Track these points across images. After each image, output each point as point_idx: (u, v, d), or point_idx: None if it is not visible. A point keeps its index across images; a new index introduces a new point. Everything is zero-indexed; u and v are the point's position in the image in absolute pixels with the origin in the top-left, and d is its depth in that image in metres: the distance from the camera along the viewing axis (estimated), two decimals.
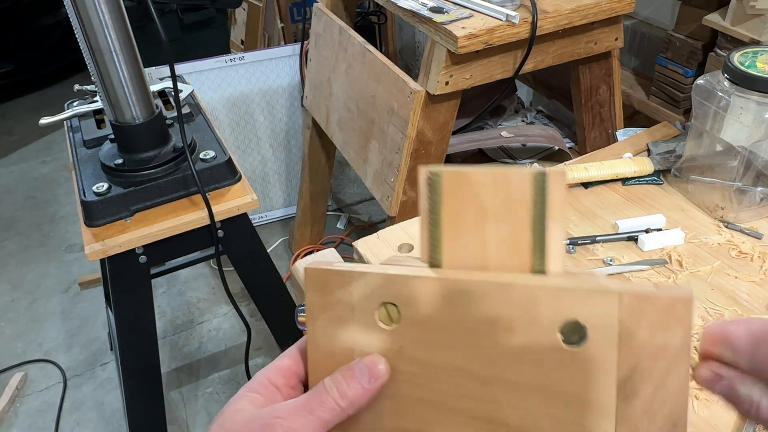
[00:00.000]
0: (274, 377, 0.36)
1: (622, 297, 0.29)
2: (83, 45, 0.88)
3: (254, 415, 0.33)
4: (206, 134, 1.10)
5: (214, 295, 1.93)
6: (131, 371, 1.10)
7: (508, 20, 1.01)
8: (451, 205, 0.33)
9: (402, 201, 1.19)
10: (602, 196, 0.90)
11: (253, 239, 1.10)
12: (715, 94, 0.80)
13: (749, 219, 0.83)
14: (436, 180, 0.33)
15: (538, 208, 0.31)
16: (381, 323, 0.34)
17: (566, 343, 0.30)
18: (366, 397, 0.33)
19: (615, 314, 0.29)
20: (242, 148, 2.04)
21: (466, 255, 0.33)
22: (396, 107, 1.15)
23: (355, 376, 0.33)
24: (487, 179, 0.32)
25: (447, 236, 0.33)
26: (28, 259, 2.13)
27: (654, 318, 0.29)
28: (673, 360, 0.29)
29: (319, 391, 0.34)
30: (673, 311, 0.29)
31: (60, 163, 2.67)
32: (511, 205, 0.32)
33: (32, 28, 3.05)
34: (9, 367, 1.72)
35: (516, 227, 0.32)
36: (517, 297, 0.31)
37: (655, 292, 0.29)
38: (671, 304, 0.29)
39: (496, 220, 0.32)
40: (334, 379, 0.34)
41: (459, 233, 0.33)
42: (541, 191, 0.31)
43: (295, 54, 1.92)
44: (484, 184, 0.32)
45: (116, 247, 0.94)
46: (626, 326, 0.29)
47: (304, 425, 0.33)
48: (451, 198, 0.33)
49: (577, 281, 0.30)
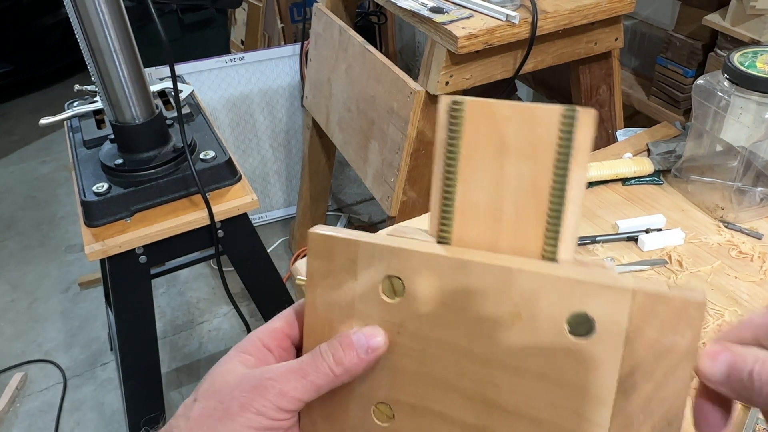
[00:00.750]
0: (267, 339, 0.36)
1: (636, 295, 0.28)
2: (83, 45, 0.88)
3: (245, 375, 0.33)
4: (206, 134, 1.09)
5: (214, 295, 1.93)
6: (131, 371, 1.10)
7: (508, 20, 1.01)
8: (471, 137, 0.31)
9: (402, 201, 1.19)
10: (602, 196, 0.90)
11: (253, 239, 1.10)
12: (715, 95, 0.80)
13: (749, 219, 0.83)
14: (458, 109, 0.31)
15: (563, 148, 0.30)
16: (384, 296, 0.33)
17: (572, 335, 0.30)
18: (361, 367, 0.33)
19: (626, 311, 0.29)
20: (242, 148, 2.04)
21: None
22: (396, 107, 1.15)
23: (352, 344, 0.33)
24: (512, 112, 0.30)
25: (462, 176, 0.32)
26: (28, 259, 2.13)
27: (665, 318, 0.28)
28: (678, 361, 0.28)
29: (314, 356, 0.33)
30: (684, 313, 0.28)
31: (60, 163, 2.67)
32: (535, 142, 0.30)
33: (32, 28, 3.05)
34: (9, 367, 1.72)
35: (537, 168, 0.31)
36: (526, 284, 0.30)
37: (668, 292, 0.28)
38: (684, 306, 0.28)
39: (516, 158, 0.31)
40: (330, 345, 0.33)
41: (476, 172, 0.32)
42: (568, 130, 0.30)
43: (295, 54, 1.92)
44: (508, 118, 0.31)
45: (116, 247, 0.94)
46: (635, 323, 0.29)
47: (296, 389, 0.32)
48: (472, 129, 0.31)
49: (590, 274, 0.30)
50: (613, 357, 0.29)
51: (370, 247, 0.33)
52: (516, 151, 0.31)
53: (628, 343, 0.29)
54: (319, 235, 0.34)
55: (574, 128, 0.30)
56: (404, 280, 0.33)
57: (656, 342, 0.29)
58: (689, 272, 0.76)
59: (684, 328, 0.28)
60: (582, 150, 0.30)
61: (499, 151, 0.31)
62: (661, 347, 0.29)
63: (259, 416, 0.32)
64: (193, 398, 0.34)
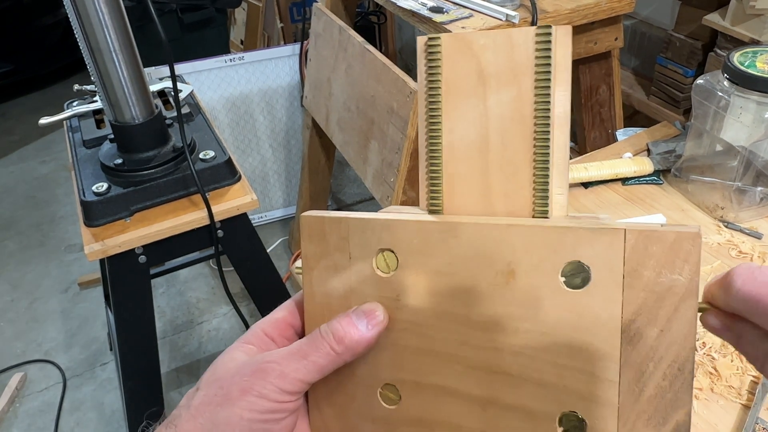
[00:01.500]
0: (269, 329, 0.35)
1: (627, 235, 0.28)
2: (83, 45, 0.88)
3: (247, 361, 0.33)
4: (206, 134, 1.09)
5: (214, 295, 1.93)
6: (131, 371, 1.10)
7: (507, 20, 1.01)
8: (450, 71, 0.31)
9: (402, 201, 1.19)
10: (602, 196, 0.90)
11: (253, 239, 1.10)
12: (715, 94, 0.80)
13: (749, 219, 0.83)
14: (435, 44, 0.31)
15: (541, 68, 0.29)
16: (379, 271, 0.33)
17: (569, 286, 0.29)
18: (363, 344, 0.32)
19: (620, 254, 0.28)
20: (242, 148, 2.04)
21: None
22: (396, 107, 1.15)
23: (352, 321, 0.32)
24: (488, 40, 0.30)
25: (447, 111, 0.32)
26: (27, 259, 2.13)
27: (660, 257, 0.27)
28: (680, 301, 0.27)
29: (314, 336, 0.33)
30: (679, 249, 0.27)
31: (60, 163, 2.67)
32: (514, 67, 0.30)
33: (32, 28, 3.05)
34: (9, 367, 1.72)
35: (520, 93, 0.30)
36: (517, 239, 0.30)
37: (661, 229, 0.27)
38: (678, 241, 0.27)
39: (497, 86, 0.30)
40: (330, 325, 0.33)
41: (459, 107, 0.31)
42: (545, 48, 0.29)
43: (295, 54, 1.92)
44: (484, 46, 0.30)
45: (116, 247, 0.94)
46: (631, 266, 0.28)
47: (297, 369, 0.32)
48: (450, 63, 0.31)
49: (579, 222, 0.29)
50: (612, 305, 0.28)
51: (361, 223, 0.33)
52: (496, 79, 0.31)
53: (627, 288, 0.28)
54: (311, 217, 0.34)
55: (552, 46, 0.29)
56: (397, 253, 0.32)
57: (655, 283, 0.28)
58: None
59: (681, 265, 0.27)
60: (562, 68, 0.29)
61: (479, 82, 0.31)
62: (661, 288, 0.28)
63: (260, 399, 0.31)
64: (195, 388, 0.34)
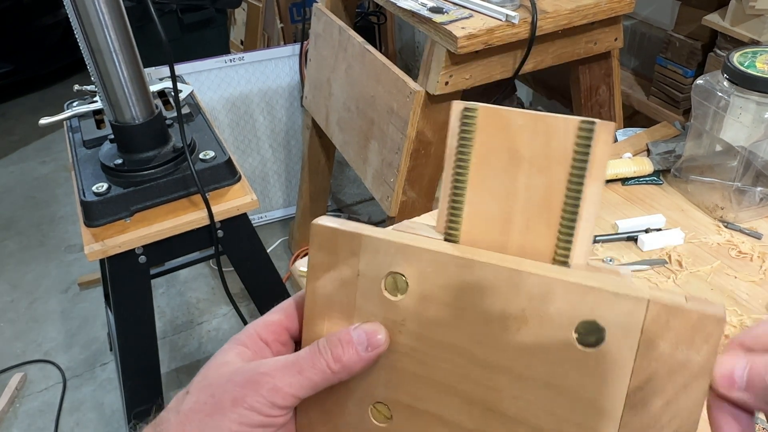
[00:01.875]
0: (264, 332, 0.35)
1: (650, 306, 0.27)
2: (83, 45, 0.88)
3: (239, 369, 0.32)
4: (206, 134, 1.10)
5: (214, 296, 1.93)
6: (131, 371, 1.10)
7: (507, 20, 1.01)
8: (483, 145, 0.30)
9: (402, 201, 1.19)
10: (602, 197, 0.90)
11: (253, 239, 1.10)
12: (714, 95, 0.80)
13: (749, 219, 0.83)
14: (471, 116, 0.30)
15: (578, 162, 0.29)
16: (386, 293, 0.32)
17: (581, 344, 0.28)
18: (360, 365, 0.32)
19: (639, 322, 0.27)
20: (242, 149, 2.04)
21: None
22: (396, 107, 1.15)
23: (352, 341, 0.32)
24: (526, 122, 0.29)
25: (473, 183, 0.31)
26: (27, 260, 2.13)
27: (680, 332, 0.27)
28: (692, 378, 0.27)
29: (312, 351, 0.32)
30: (701, 328, 0.26)
31: (60, 163, 2.66)
32: (549, 154, 0.29)
33: (32, 28, 3.05)
34: (8, 367, 1.72)
35: (551, 181, 0.29)
36: (534, 288, 0.29)
37: (685, 305, 0.26)
38: (701, 321, 0.26)
39: (529, 169, 0.30)
40: (329, 341, 0.32)
41: (486, 180, 0.31)
42: (585, 143, 0.28)
43: (295, 54, 1.92)
44: (522, 127, 0.29)
45: (116, 248, 0.94)
46: (648, 336, 0.27)
47: (290, 384, 0.31)
48: (484, 137, 0.30)
49: (603, 281, 0.28)
50: (622, 370, 0.28)
51: (374, 242, 0.32)
52: (529, 162, 0.30)
53: (640, 356, 0.27)
54: (323, 227, 0.33)
55: (592, 141, 0.28)
56: (408, 278, 0.32)
57: (669, 356, 0.27)
58: (689, 272, 0.76)
59: (700, 344, 0.26)
60: (599, 165, 0.29)
61: (511, 161, 0.30)
62: (675, 362, 0.27)
63: (251, 412, 0.31)
64: (185, 391, 0.33)
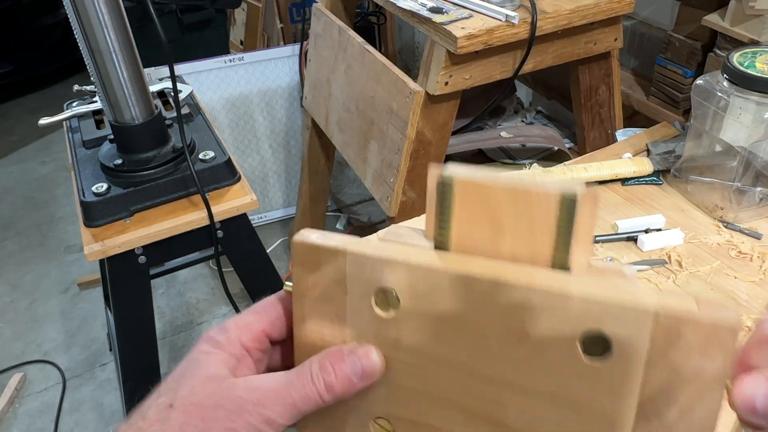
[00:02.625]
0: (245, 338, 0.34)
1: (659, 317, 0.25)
2: (83, 45, 0.88)
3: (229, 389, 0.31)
4: (205, 134, 1.09)
5: (214, 296, 1.92)
6: (131, 372, 1.10)
7: (507, 20, 1.01)
8: (462, 215, 0.29)
9: (402, 201, 1.19)
10: (602, 197, 0.90)
11: (253, 240, 1.10)
12: (714, 95, 0.80)
13: (748, 219, 0.83)
14: (447, 186, 0.29)
15: (563, 230, 0.28)
16: (377, 309, 0.30)
17: (586, 354, 0.27)
18: (354, 392, 0.31)
19: (648, 332, 0.26)
20: (241, 149, 2.04)
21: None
22: (395, 107, 1.15)
23: (345, 370, 0.31)
24: (506, 196, 0.28)
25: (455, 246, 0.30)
26: (27, 260, 2.13)
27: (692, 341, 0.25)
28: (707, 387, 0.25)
29: (303, 378, 0.31)
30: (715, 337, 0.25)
31: (59, 163, 2.66)
32: (532, 225, 0.28)
33: (32, 28, 3.05)
34: (8, 367, 1.72)
35: (534, 250, 0.28)
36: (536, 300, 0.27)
37: (697, 314, 0.25)
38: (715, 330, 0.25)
39: (512, 238, 0.29)
40: (322, 367, 0.31)
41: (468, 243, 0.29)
42: (568, 212, 0.27)
43: (295, 54, 1.92)
44: (501, 201, 0.28)
45: (115, 248, 0.94)
46: (659, 346, 0.26)
47: (282, 415, 0.31)
48: (463, 208, 0.29)
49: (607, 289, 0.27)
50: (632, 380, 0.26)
51: (360, 260, 0.30)
52: (511, 232, 0.29)
53: (650, 366, 0.26)
54: (303, 244, 0.31)
55: (575, 210, 0.27)
56: (398, 293, 0.30)
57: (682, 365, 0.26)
58: (689, 272, 0.76)
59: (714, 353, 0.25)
60: (584, 233, 0.28)
61: (493, 230, 0.29)
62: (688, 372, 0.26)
63: None
64: (168, 403, 0.31)
